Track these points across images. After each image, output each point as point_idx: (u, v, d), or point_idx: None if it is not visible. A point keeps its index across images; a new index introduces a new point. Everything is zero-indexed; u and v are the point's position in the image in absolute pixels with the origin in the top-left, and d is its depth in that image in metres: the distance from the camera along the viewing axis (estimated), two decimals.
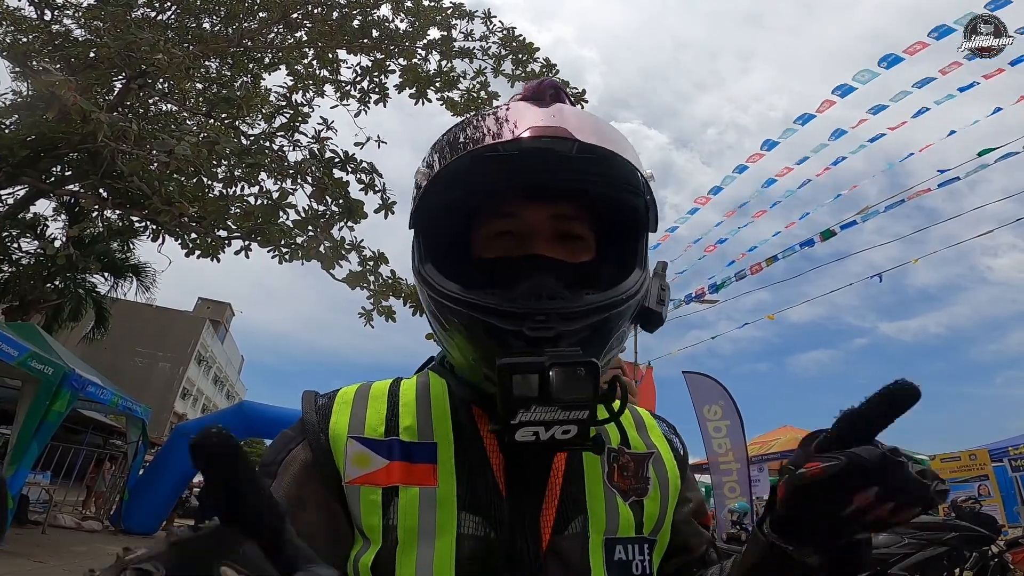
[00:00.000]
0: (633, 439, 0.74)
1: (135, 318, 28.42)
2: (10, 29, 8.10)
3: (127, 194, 7.68)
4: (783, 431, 14.44)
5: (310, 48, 8.98)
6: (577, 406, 0.55)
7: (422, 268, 0.69)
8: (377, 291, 7.46)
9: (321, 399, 0.73)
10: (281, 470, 0.67)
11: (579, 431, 0.56)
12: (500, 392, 0.55)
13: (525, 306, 0.61)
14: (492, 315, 0.61)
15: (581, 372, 0.55)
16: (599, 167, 0.66)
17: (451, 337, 0.66)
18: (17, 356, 6.97)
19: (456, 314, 0.63)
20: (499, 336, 0.60)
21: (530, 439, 0.55)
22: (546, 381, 0.54)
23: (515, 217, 0.69)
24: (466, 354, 0.65)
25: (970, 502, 6.79)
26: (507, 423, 0.55)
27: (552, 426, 0.55)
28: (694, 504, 0.78)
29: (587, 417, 0.56)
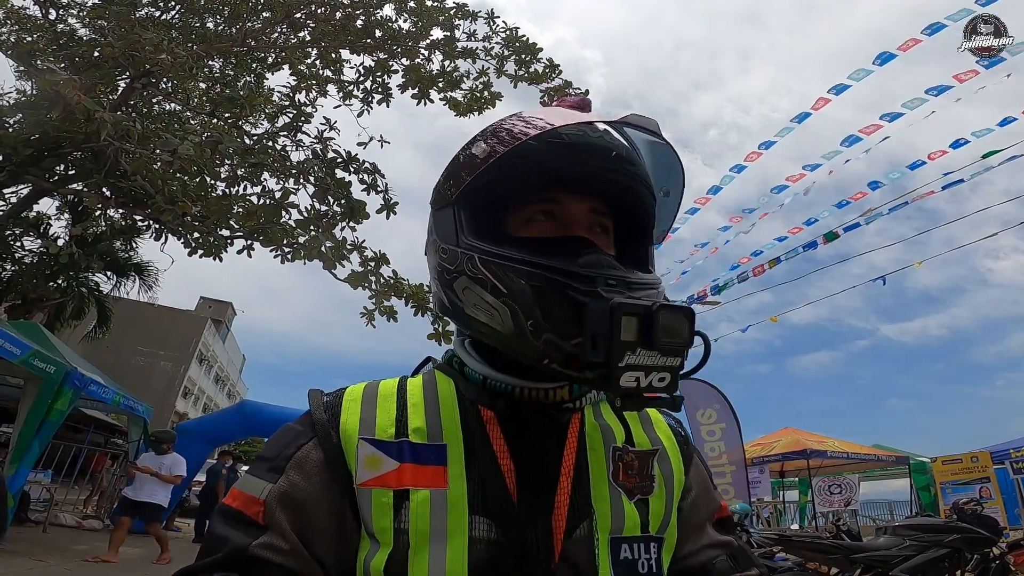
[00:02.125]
0: (638, 436, 0.74)
1: (137, 317, 28.44)
2: (15, 28, 8.12)
3: (130, 193, 7.70)
4: (784, 432, 14.41)
5: (313, 48, 9.00)
6: (674, 352, 0.57)
7: (462, 238, 0.68)
8: (379, 291, 7.48)
9: (328, 397, 0.72)
10: (291, 466, 0.66)
11: (672, 379, 0.57)
12: (609, 335, 0.55)
13: (597, 270, 0.62)
14: (569, 276, 0.61)
15: (683, 319, 0.57)
16: (644, 170, 0.72)
17: (508, 303, 0.63)
18: (19, 354, 6.97)
19: (523, 275, 0.62)
20: (575, 296, 0.60)
21: (632, 385, 0.56)
22: (649, 325, 0.56)
23: (559, 203, 0.70)
24: (521, 322, 0.62)
25: (972, 504, 6.77)
26: (613, 367, 0.55)
27: (651, 372, 0.56)
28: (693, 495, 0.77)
29: (680, 364, 0.57)
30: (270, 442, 0.70)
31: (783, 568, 5.97)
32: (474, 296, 0.66)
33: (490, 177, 0.69)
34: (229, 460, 12.13)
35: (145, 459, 7.89)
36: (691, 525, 0.75)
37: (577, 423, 0.71)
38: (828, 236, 10.53)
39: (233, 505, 0.64)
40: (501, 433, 0.68)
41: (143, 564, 7.48)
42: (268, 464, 0.67)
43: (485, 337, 0.69)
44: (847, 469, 14.19)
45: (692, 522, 0.76)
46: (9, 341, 6.88)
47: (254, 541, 0.61)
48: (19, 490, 7.65)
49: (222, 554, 0.61)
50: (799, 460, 13.13)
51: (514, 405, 0.69)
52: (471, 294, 0.67)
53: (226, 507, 0.65)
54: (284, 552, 0.61)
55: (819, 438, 13.64)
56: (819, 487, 13.05)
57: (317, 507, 0.64)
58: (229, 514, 0.64)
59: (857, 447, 13.92)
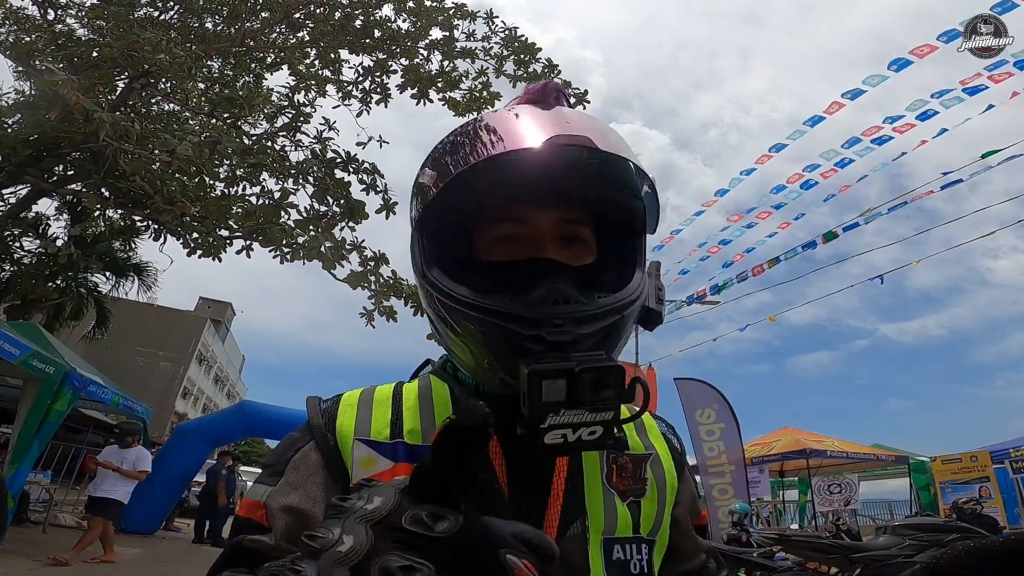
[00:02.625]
0: (632, 440, 0.75)
1: (136, 317, 28.42)
2: (13, 28, 8.12)
3: (129, 193, 7.70)
4: (784, 432, 14.42)
5: (312, 48, 9.00)
6: (604, 407, 0.56)
7: (428, 271, 0.68)
8: (378, 291, 7.48)
9: (325, 403, 0.74)
10: (289, 468, 0.68)
11: (604, 431, 0.57)
12: (529, 397, 0.55)
13: (542, 311, 0.61)
14: (511, 320, 0.61)
15: (609, 376, 0.56)
16: (613, 172, 0.68)
17: (463, 341, 0.66)
18: (19, 355, 6.97)
19: (471, 319, 0.63)
20: (518, 341, 0.60)
21: (558, 442, 0.55)
22: (574, 385, 0.55)
23: (523, 221, 0.69)
24: (479, 359, 0.65)
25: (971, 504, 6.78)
26: (536, 427, 0.55)
27: (579, 428, 0.55)
28: (684, 503, 0.78)
29: (612, 417, 0.56)
30: (271, 452, 0.72)
31: (783, 568, 5.97)
32: (441, 331, 0.69)
33: (443, 201, 0.67)
34: (229, 460, 12.13)
35: (108, 453, 7.38)
36: (687, 534, 0.78)
37: None
38: (827, 236, 10.54)
39: (241, 514, 0.66)
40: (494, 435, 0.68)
41: (143, 564, 7.48)
42: (269, 470, 0.69)
43: (461, 365, 0.72)
44: (847, 469, 14.20)
45: (687, 531, 0.78)
46: (8, 342, 6.87)
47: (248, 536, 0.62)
48: (19, 490, 7.66)
49: (221, 555, 0.62)
50: (799, 460, 13.15)
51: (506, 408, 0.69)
52: (440, 328, 0.69)
53: (236, 518, 0.67)
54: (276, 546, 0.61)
55: (819, 438, 13.65)
56: (819, 487, 13.06)
57: (316, 505, 0.64)
58: (237, 523, 0.66)
59: (857, 447, 13.93)
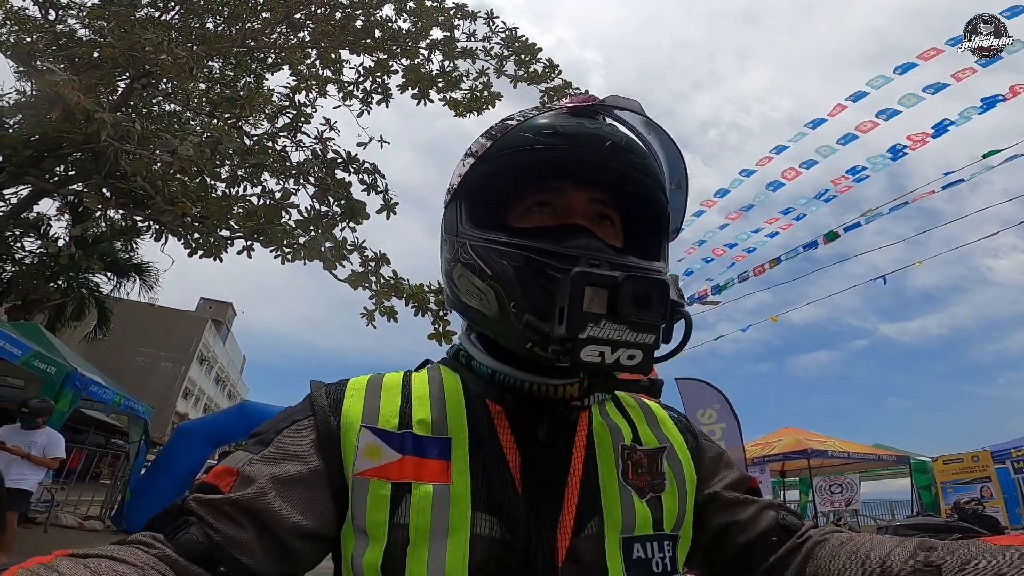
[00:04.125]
0: (644, 434, 0.73)
1: (137, 318, 28.47)
2: (14, 29, 8.12)
3: (130, 194, 7.69)
4: (785, 432, 14.39)
5: (313, 48, 9.00)
6: (646, 328, 0.54)
7: (459, 227, 0.70)
8: (379, 291, 7.48)
9: (331, 386, 0.71)
10: (277, 440, 0.64)
11: (644, 358, 0.55)
12: (570, 302, 0.53)
13: (580, 250, 0.62)
14: (547, 255, 0.61)
15: (654, 291, 0.54)
16: (646, 160, 0.71)
17: (491, 286, 0.64)
18: (20, 355, 6.98)
19: (506, 256, 0.63)
20: (552, 275, 0.59)
21: (595, 359, 0.53)
22: (617, 298, 0.53)
23: (558, 193, 0.70)
24: (504, 302, 0.63)
25: (973, 503, 6.79)
26: (575, 338, 0.53)
27: (619, 347, 0.54)
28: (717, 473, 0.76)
29: (653, 342, 0.55)
30: (266, 422, 0.68)
31: None
32: (466, 282, 0.68)
33: (485, 169, 0.70)
34: None
35: (9, 434, 6.16)
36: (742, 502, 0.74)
37: (585, 421, 0.69)
38: (828, 236, 10.52)
39: (207, 480, 0.62)
40: (509, 428, 0.67)
41: None
42: (257, 439, 0.66)
43: (478, 324, 0.70)
44: (848, 469, 14.19)
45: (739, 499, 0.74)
46: (10, 342, 6.88)
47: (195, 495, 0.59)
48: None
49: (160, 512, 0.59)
50: (800, 460, 13.12)
51: (522, 400, 0.68)
52: (464, 280, 0.68)
53: (200, 482, 0.62)
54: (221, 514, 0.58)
55: (820, 438, 13.63)
56: (820, 487, 13.04)
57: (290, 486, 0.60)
58: (197, 487, 0.62)
59: (858, 447, 13.91)
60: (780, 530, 0.70)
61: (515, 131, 0.69)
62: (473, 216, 0.70)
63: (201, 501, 0.58)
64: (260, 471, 0.60)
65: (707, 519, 0.73)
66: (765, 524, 0.71)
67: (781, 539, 0.70)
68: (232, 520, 0.57)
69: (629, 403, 0.78)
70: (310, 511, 0.60)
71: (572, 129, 0.68)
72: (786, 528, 0.70)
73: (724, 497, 0.74)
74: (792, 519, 0.72)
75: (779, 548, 0.69)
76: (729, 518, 0.72)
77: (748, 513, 0.72)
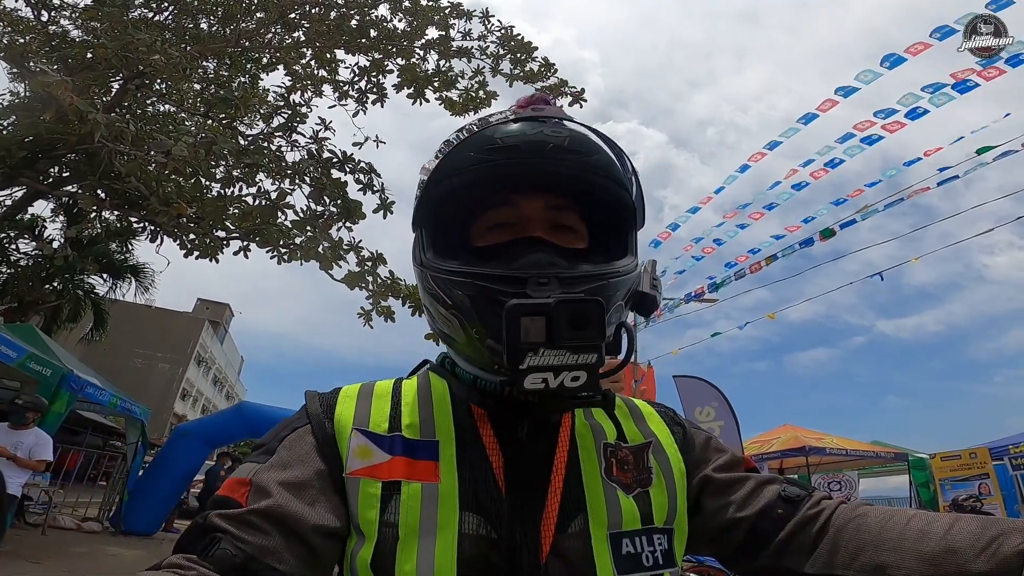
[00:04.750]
0: (629, 431, 0.74)
1: (134, 319, 28.41)
2: (7, 30, 8.09)
3: (125, 195, 7.67)
4: (783, 430, 14.43)
5: (308, 48, 8.98)
6: (585, 348, 0.55)
7: (423, 256, 0.71)
8: (376, 291, 7.47)
9: (325, 394, 0.74)
10: (282, 447, 0.67)
11: (588, 377, 0.56)
12: (507, 336, 0.54)
13: (527, 271, 0.62)
14: (497, 281, 0.62)
15: (589, 311, 0.55)
16: (593, 157, 0.70)
17: (453, 315, 0.66)
18: (16, 357, 6.95)
19: (460, 285, 0.64)
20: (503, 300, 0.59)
21: (539, 387, 0.54)
22: (553, 324, 0.54)
23: (512, 206, 0.70)
24: (468, 330, 0.64)
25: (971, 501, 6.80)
26: (516, 369, 0.54)
27: (561, 371, 0.55)
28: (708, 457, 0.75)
29: (595, 361, 0.55)
30: (267, 433, 0.71)
31: None
32: (435, 310, 0.70)
33: (434, 195, 0.71)
34: (228, 461, 12.14)
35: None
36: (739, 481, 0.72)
37: (568, 422, 0.71)
38: (825, 233, 10.56)
39: (220, 494, 0.64)
40: (492, 431, 0.68)
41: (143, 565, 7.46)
42: (261, 449, 0.68)
43: (452, 348, 0.72)
44: (846, 466, 14.21)
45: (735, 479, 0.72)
46: (5, 344, 6.85)
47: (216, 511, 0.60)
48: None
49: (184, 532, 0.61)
50: (798, 457, 13.15)
51: (504, 403, 0.69)
52: (434, 308, 0.70)
53: (215, 497, 0.64)
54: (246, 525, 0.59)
55: (818, 435, 13.66)
56: (818, 484, 13.06)
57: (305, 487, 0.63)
58: (214, 502, 0.63)
59: (856, 444, 13.93)
60: (784, 503, 0.67)
61: (457, 151, 0.70)
62: (434, 242, 0.72)
63: (224, 516, 0.59)
64: (272, 478, 0.63)
65: (704, 504, 0.72)
66: (767, 499, 0.68)
67: (787, 512, 0.66)
68: (258, 529, 0.58)
69: (615, 403, 0.78)
70: (325, 510, 0.62)
71: (512, 140, 0.68)
72: (790, 500, 0.68)
73: (716, 479, 0.72)
74: (795, 490, 0.69)
75: (787, 522, 0.66)
76: (726, 499, 0.70)
77: (745, 490, 0.70)
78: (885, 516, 0.61)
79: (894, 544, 0.58)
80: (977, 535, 0.53)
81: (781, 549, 0.65)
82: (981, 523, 0.54)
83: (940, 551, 0.54)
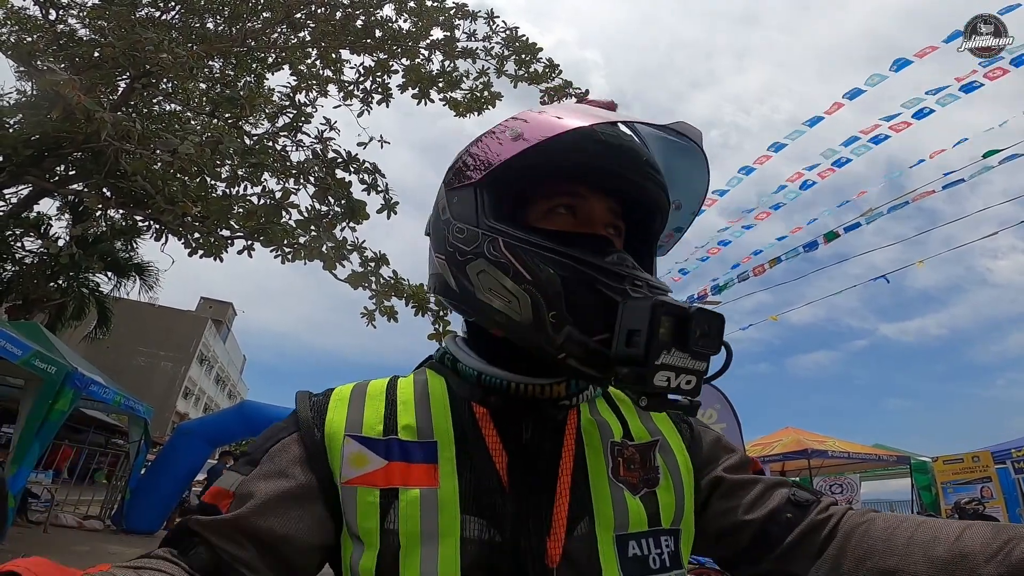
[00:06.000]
0: (636, 429, 0.73)
1: (138, 317, 28.45)
2: (15, 28, 8.13)
3: (131, 193, 7.70)
4: (785, 432, 14.39)
5: (313, 48, 9.00)
6: (702, 356, 0.57)
7: (483, 217, 0.67)
8: (379, 291, 7.47)
9: (316, 397, 0.72)
10: (266, 459, 0.66)
11: (697, 383, 0.57)
12: (648, 332, 0.55)
13: (626, 270, 0.63)
14: (600, 272, 0.62)
15: (715, 324, 0.57)
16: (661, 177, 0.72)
17: (530, 291, 0.62)
18: (20, 355, 6.97)
19: (554, 264, 0.61)
20: (603, 292, 0.61)
21: (664, 384, 0.55)
22: (687, 329, 0.56)
23: (582, 198, 0.70)
24: (543, 311, 0.61)
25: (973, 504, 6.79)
26: (649, 364, 0.54)
27: (680, 373, 0.56)
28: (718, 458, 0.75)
29: (704, 368, 0.57)
30: (255, 441, 0.70)
31: None
32: (490, 280, 0.64)
33: (522, 163, 0.67)
34: (230, 460, 12.13)
35: None
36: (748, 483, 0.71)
37: (574, 420, 0.69)
38: (828, 236, 10.53)
39: (205, 500, 0.64)
40: (495, 430, 0.66)
41: None
42: (246, 459, 0.67)
43: (495, 325, 0.66)
44: (848, 469, 14.18)
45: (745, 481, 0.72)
46: (10, 342, 6.87)
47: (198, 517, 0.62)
48: (20, 491, 7.66)
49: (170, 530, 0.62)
50: (800, 460, 13.12)
51: (509, 401, 0.68)
52: (487, 278, 0.65)
53: (200, 503, 0.65)
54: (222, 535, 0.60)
55: (820, 438, 13.62)
56: (820, 487, 12.99)
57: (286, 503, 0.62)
58: (199, 506, 0.64)
59: (858, 447, 13.90)
60: (793, 507, 0.67)
61: (554, 127, 0.66)
62: (496, 208, 0.68)
63: (202, 523, 0.61)
64: (252, 490, 0.62)
65: (712, 505, 0.71)
66: (776, 502, 0.67)
67: (796, 517, 0.66)
68: (232, 540, 0.59)
69: (620, 398, 0.77)
70: (304, 525, 0.62)
71: (612, 139, 0.68)
72: (799, 504, 0.67)
73: (727, 480, 0.72)
74: (805, 494, 0.68)
75: (796, 526, 0.65)
76: (735, 501, 0.69)
77: (755, 493, 0.69)
78: (894, 522, 0.61)
79: (903, 549, 0.57)
80: (988, 540, 0.53)
81: (787, 553, 0.64)
82: (992, 529, 0.54)
83: (951, 556, 0.54)
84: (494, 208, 0.67)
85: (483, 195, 0.68)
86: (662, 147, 0.75)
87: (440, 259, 0.71)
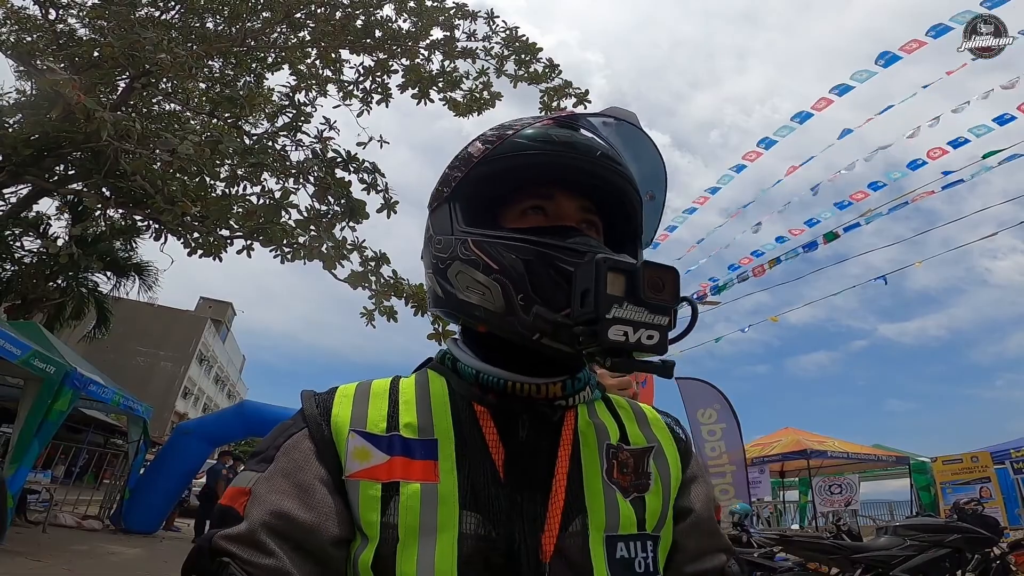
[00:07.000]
0: (633, 434, 0.74)
1: (137, 317, 28.44)
2: (15, 28, 8.13)
3: (130, 193, 7.70)
4: (784, 433, 14.41)
5: (313, 48, 9.00)
6: (661, 310, 0.57)
7: (457, 225, 0.72)
8: (379, 291, 7.47)
9: (321, 395, 0.73)
10: (280, 454, 0.66)
11: (660, 338, 0.58)
12: (595, 288, 0.56)
13: (584, 246, 0.65)
14: (559, 250, 0.64)
15: (667, 277, 0.58)
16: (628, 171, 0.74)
17: (499, 279, 0.65)
18: (19, 355, 6.97)
19: (515, 250, 0.65)
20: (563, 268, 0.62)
21: (620, 339, 0.56)
22: (635, 283, 0.57)
23: (548, 199, 0.72)
24: (511, 296, 0.65)
25: (972, 504, 6.78)
26: (601, 318, 0.56)
27: (639, 328, 0.57)
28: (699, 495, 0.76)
29: (668, 323, 0.58)
30: (263, 440, 0.70)
31: (783, 568, 5.96)
32: (467, 279, 0.69)
33: (483, 172, 0.72)
34: (229, 460, 12.13)
35: None
36: (708, 530, 0.75)
37: (571, 420, 0.70)
38: (828, 236, 10.55)
39: (223, 503, 0.64)
40: (494, 428, 0.67)
41: (143, 564, 7.48)
42: (259, 456, 0.67)
43: (478, 320, 0.70)
44: (847, 469, 14.20)
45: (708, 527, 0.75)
46: (9, 341, 6.87)
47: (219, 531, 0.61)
48: (19, 490, 7.66)
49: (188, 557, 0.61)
50: (799, 460, 13.14)
51: (506, 400, 0.69)
52: (464, 277, 0.69)
53: (217, 507, 0.65)
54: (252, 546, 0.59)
55: (819, 438, 13.65)
56: (819, 487, 13.05)
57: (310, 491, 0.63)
58: (217, 512, 0.64)
59: (857, 447, 13.92)
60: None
61: (511, 138, 0.72)
62: (468, 217, 0.72)
63: (228, 537, 0.60)
64: (270, 487, 0.63)
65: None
66: (717, 564, 0.73)
67: None
68: (263, 548, 0.59)
69: (620, 404, 0.78)
70: (329, 516, 0.62)
71: (565, 137, 0.71)
72: None
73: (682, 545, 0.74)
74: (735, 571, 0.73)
75: None
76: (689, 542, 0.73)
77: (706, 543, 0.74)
78: None
79: None
80: None
81: None
82: None
83: None
84: (467, 217, 0.72)
85: (455, 207, 0.73)
86: (618, 141, 0.78)
87: (429, 274, 0.76)
